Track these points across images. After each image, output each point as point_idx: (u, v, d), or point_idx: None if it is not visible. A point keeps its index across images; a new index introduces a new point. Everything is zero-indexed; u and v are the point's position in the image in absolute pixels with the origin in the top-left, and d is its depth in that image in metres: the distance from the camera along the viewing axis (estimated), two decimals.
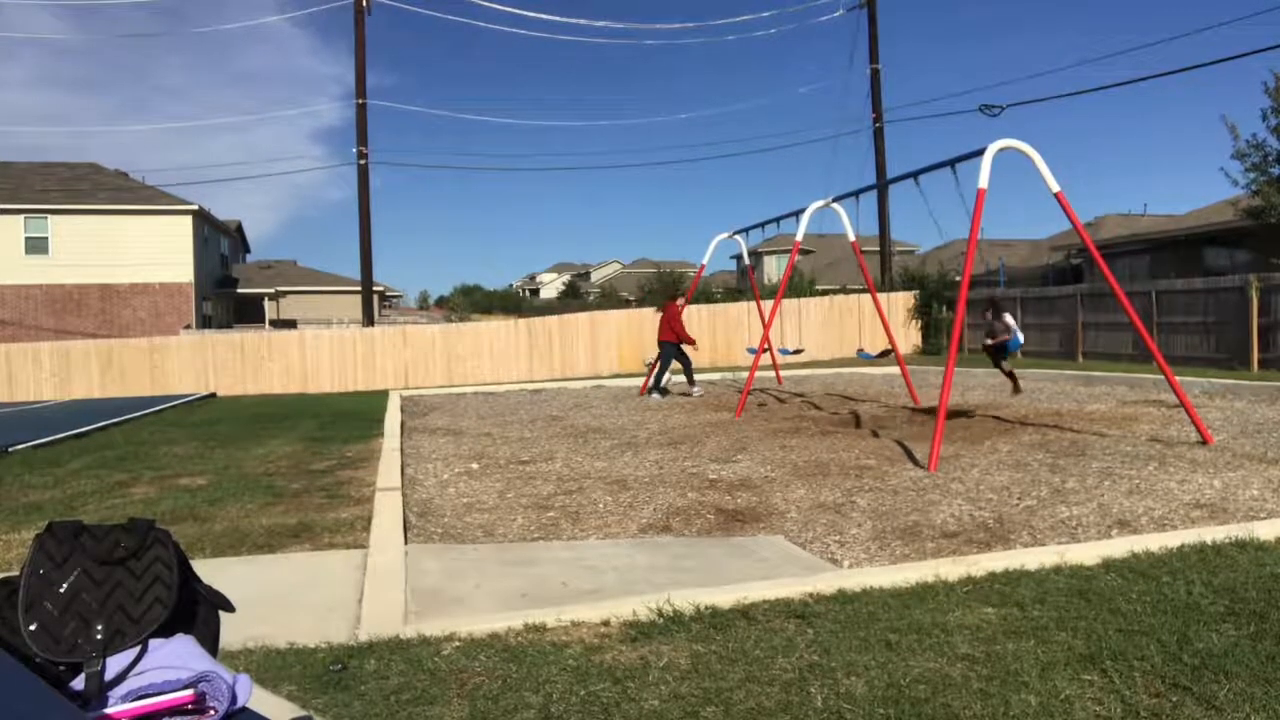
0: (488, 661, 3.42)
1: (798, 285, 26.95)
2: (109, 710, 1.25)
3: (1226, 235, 23.62)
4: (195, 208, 32.33)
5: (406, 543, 5.48)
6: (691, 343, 15.40)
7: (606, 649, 3.52)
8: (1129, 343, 17.92)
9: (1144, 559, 4.40)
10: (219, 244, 38.62)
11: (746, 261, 18.21)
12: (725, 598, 4.02)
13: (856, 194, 12.08)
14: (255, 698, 1.38)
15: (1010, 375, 11.22)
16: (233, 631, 2.01)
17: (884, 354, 13.93)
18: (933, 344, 23.96)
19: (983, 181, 8.17)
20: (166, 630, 1.40)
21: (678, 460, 8.42)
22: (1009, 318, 10.91)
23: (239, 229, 44.95)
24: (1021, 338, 11.00)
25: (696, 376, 15.95)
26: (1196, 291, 17.45)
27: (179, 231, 31.90)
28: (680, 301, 16.30)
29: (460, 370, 22.40)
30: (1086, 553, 4.54)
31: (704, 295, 32.53)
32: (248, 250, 48.55)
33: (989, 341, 10.96)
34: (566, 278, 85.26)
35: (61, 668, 1.33)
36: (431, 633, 3.71)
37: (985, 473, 7.09)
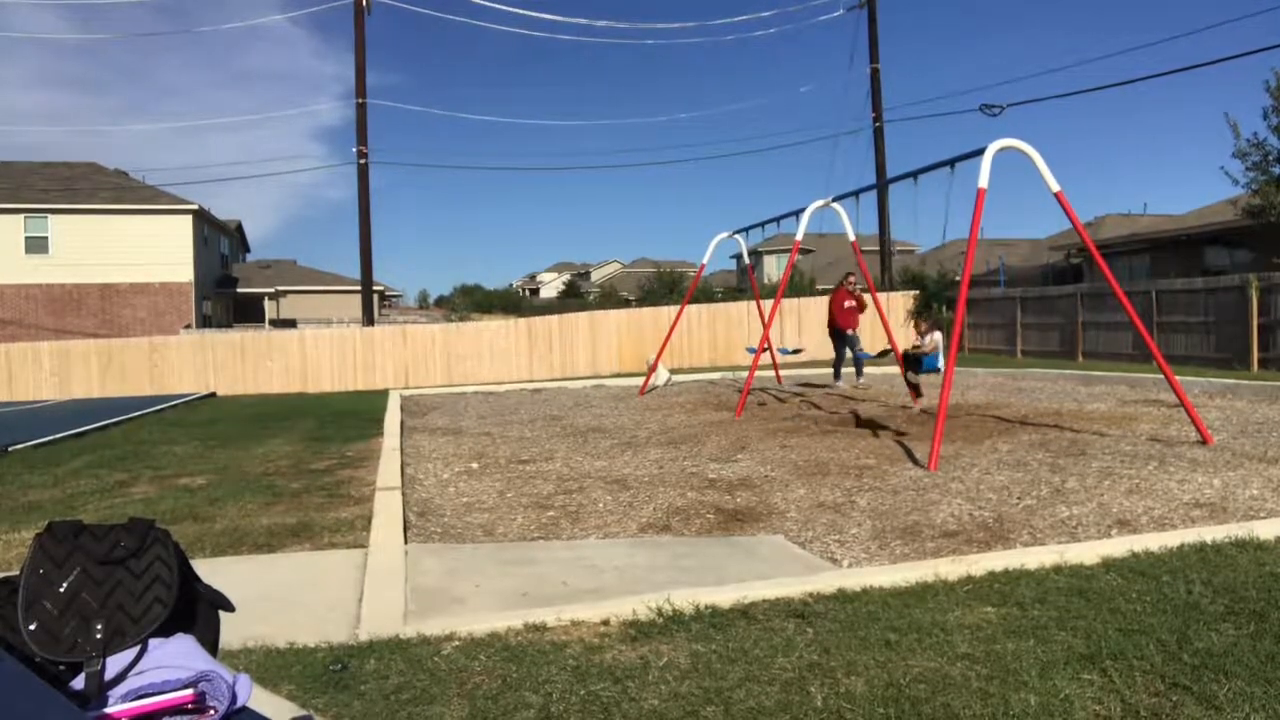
0: (488, 661, 3.42)
1: (798, 285, 26.99)
2: (109, 709, 1.25)
3: (1227, 235, 23.62)
4: (195, 207, 32.33)
5: (406, 542, 5.48)
6: (843, 330, 14.23)
7: (606, 648, 3.53)
8: (1129, 342, 17.92)
9: (1144, 558, 4.40)
10: (219, 244, 38.62)
11: (746, 261, 18.21)
12: (725, 597, 4.02)
13: (856, 194, 12.08)
14: (255, 697, 1.38)
15: (913, 386, 11.41)
16: (233, 631, 2.01)
17: (882, 354, 13.93)
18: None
19: (983, 181, 8.17)
20: (166, 630, 1.40)
21: (678, 460, 8.42)
22: (939, 336, 11.03)
23: (239, 229, 44.96)
24: (941, 363, 11.05)
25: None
26: (1196, 291, 17.44)
27: (179, 231, 31.91)
28: (851, 278, 14.52)
29: (460, 370, 22.40)
30: (1086, 552, 4.54)
31: (704, 295, 32.55)
32: (248, 250, 48.56)
33: (912, 349, 11.22)
34: (566, 277, 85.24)
35: (61, 667, 1.33)
36: (431, 632, 3.71)
37: (985, 472, 7.09)
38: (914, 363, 11.06)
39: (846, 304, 14.16)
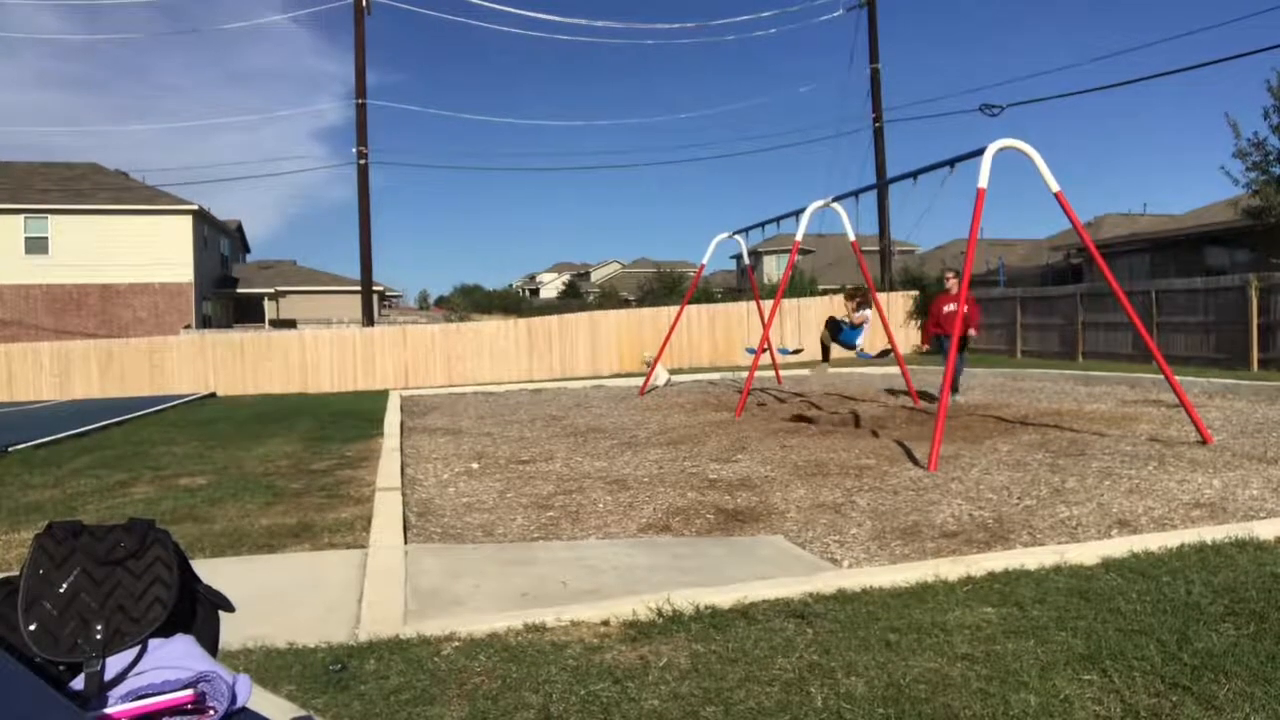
0: (487, 661, 3.42)
1: (798, 285, 26.95)
2: (109, 710, 1.25)
3: (1226, 235, 23.62)
4: (195, 208, 32.34)
5: (406, 542, 5.48)
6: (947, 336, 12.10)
7: (606, 649, 3.52)
8: (1129, 342, 17.92)
9: (1144, 559, 4.40)
10: (219, 244, 38.63)
11: (746, 261, 18.20)
12: (725, 597, 4.02)
13: (856, 194, 12.07)
14: (255, 698, 1.38)
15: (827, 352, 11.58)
16: (233, 631, 2.01)
17: (883, 354, 13.91)
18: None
19: (982, 181, 8.17)
20: (166, 630, 1.40)
21: (678, 460, 8.42)
22: (868, 313, 11.05)
23: (239, 229, 44.98)
24: (861, 342, 11.08)
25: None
26: (1196, 291, 17.44)
27: (179, 231, 31.92)
28: (950, 276, 12.72)
29: (460, 370, 22.40)
30: (1086, 552, 4.54)
31: (704, 295, 32.56)
32: (247, 250, 48.57)
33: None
34: (566, 278, 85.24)
35: (61, 667, 1.33)
36: (431, 632, 3.70)
37: (985, 472, 7.09)
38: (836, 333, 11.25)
39: (948, 308, 12.35)
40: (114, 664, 1.33)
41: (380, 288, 39.85)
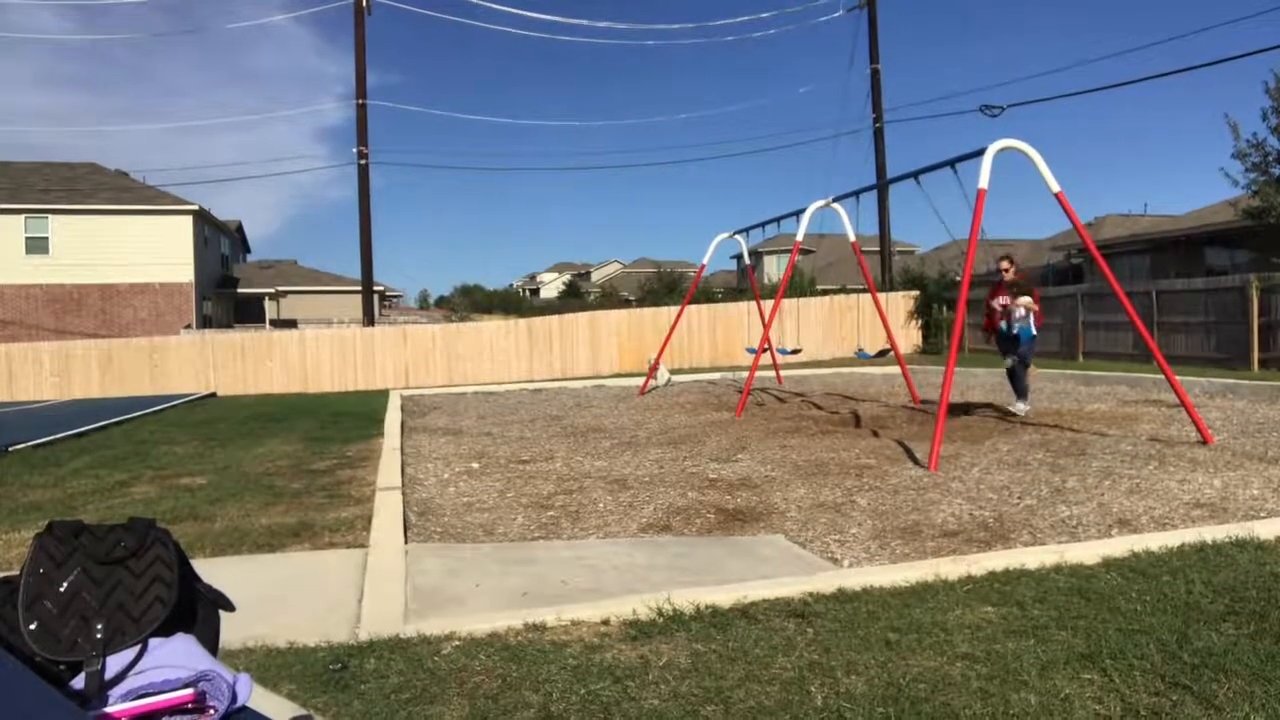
0: (488, 660, 3.42)
1: (798, 285, 26.97)
2: (109, 709, 1.25)
3: (1226, 235, 23.62)
4: (195, 208, 32.33)
5: (407, 542, 5.48)
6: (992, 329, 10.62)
7: (606, 648, 3.52)
8: (1129, 342, 17.92)
9: (1144, 558, 4.40)
10: (219, 244, 38.62)
11: (747, 261, 18.20)
12: (725, 597, 4.02)
13: (856, 194, 12.08)
14: (255, 697, 1.38)
15: (1017, 385, 10.11)
16: (233, 631, 2.01)
17: (882, 353, 13.92)
18: (932, 343, 23.97)
19: (983, 181, 8.17)
20: (166, 629, 1.40)
21: (678, 460, 8.42)
22: (1027, 301, 9.63)
23: (239, 229, 44.97)
24: (1034, 331, 9.70)
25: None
26: (1197, 291, 17.45)
27: (179, 231, 31.90)
28: (1005, 266, 10.49)
29: (460, 370, 22.40)
30: (1086, 552, 4.54)
31: (704, 295, 32.56)
32: (248, 250, 48.58)
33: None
34: (567, 277, 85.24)
35: (61, 666, 1.33)
36: (431, 632, 3.71)
37: (985, 472, 7.09)
38: (1009, 343, 9.87)
39: (997, 301, 10.49)
40: (114, 663, 1.33)
41: (380, 288, 39.88)
